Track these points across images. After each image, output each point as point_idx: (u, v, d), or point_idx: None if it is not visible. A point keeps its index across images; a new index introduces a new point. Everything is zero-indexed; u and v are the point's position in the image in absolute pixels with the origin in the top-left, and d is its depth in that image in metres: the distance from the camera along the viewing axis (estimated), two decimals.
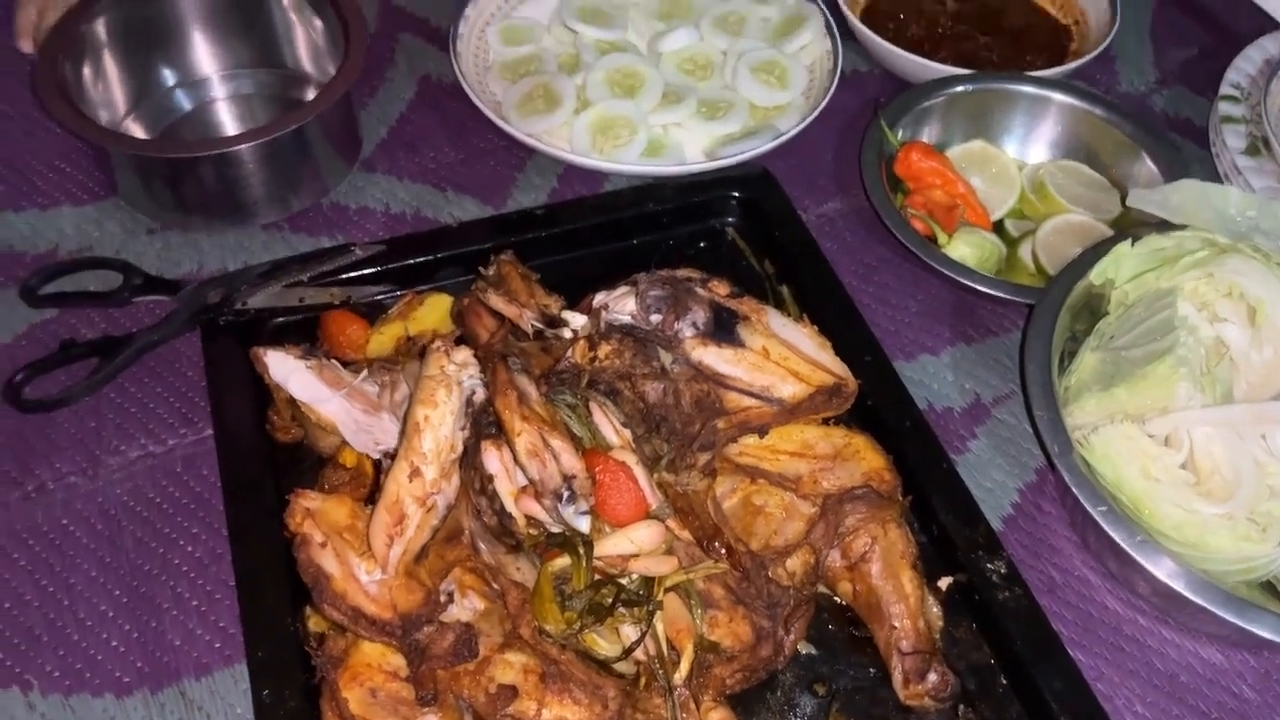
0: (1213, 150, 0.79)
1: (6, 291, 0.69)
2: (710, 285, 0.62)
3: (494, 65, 0.84)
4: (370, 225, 0.75)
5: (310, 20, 0.77)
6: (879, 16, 0.89)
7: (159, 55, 0.79)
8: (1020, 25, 0.88)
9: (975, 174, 0.76)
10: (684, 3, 0.88)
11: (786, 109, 0.81)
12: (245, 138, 0.68)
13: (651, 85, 0.81)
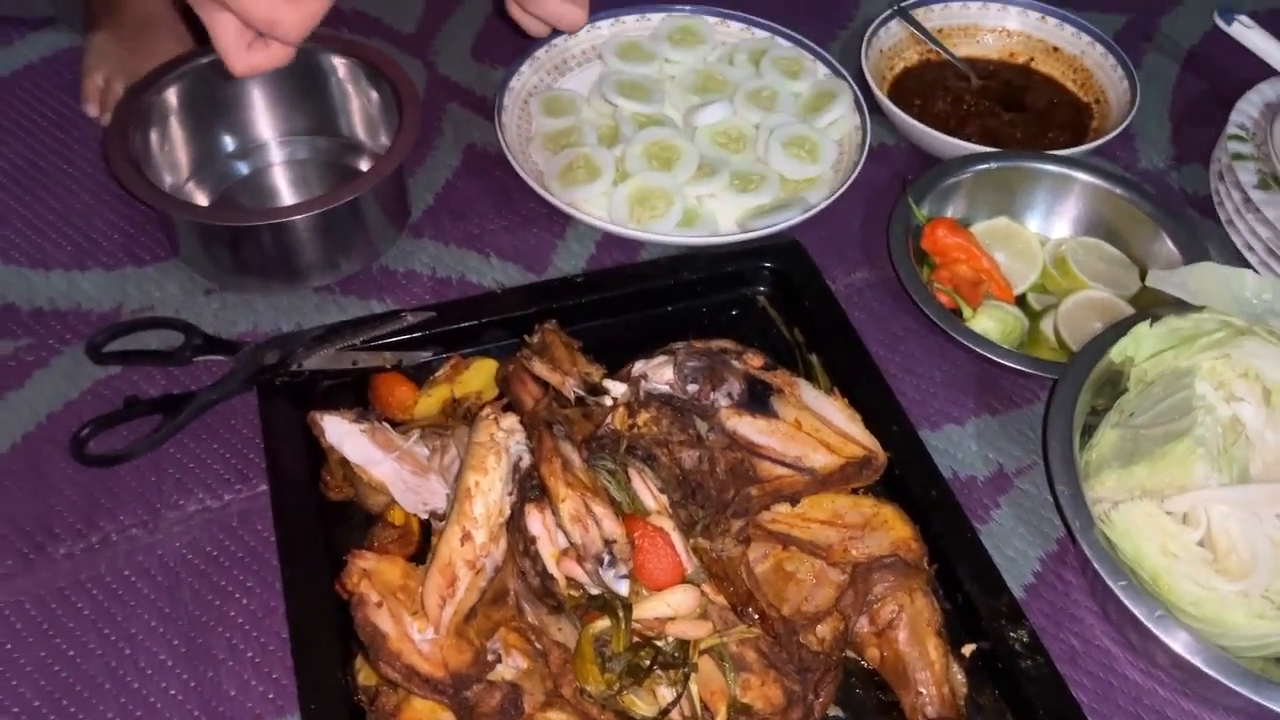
0: (1217, 192, 0.83)
1: (74, 349, 0.73)
2: (745, 357, 0.65)
3: (536, 136, 0.88)
4: (417, 289, 0.79)
5: (366, 91, 0.81)
6: (906, 92, 0.92)
7: (221, 122, 0.83)
8: (1043, 103, 0.92)
9: (999, 249, 0.78)
10: (718, 78, 0.92)
11: (816, 182, 0.85)
12: (303, 208, 0.72)
13: (687, 158, 0.84)
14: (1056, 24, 0.95)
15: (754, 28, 0.96)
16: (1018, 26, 0.96)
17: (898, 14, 0.94)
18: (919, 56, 0.95)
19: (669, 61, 0.94)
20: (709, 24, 0.96)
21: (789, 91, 0.90)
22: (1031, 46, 0.95)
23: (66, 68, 0.92)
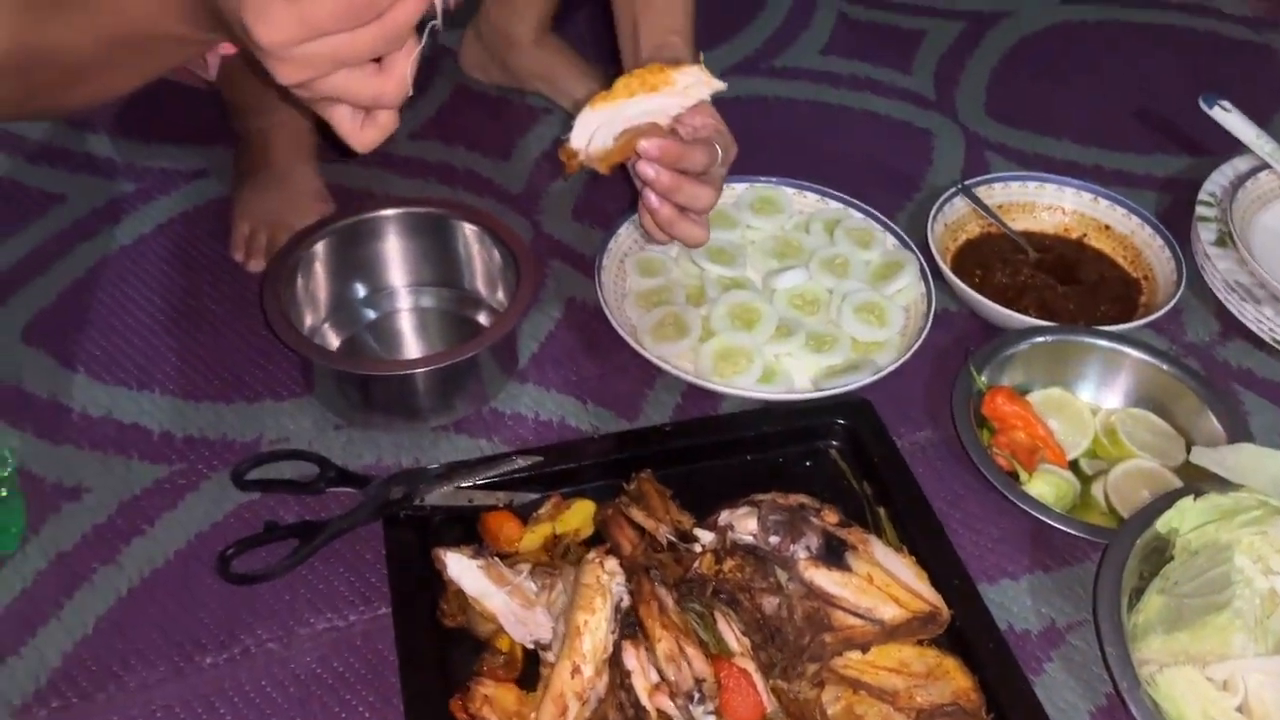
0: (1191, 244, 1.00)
1: (220, 475, 0.82)
2: (823, 514, 0.72)
3: (630, 293, 0.97)
4: (522, 430, 0.88)
5: (490, 251, 0.92)
6: (968, 263, 1.01)
7: (356, 272, 0.94)
8: (1095, 278, 1.00)
9: (1053, 417, 0.85)
10: (795, 244, 1.01)
11: (885, 345, 0.93)
12: (429, 361, 0.82)
13: (767, 320, 0.93)
14: (1108, 205, 1.03)
15: (828, 199, 1.05)
16: (1072, 205, 1.05)
17: (961, 191, 1.03)
18: (980, 229, 1.04)
19: (750, 228, 1.03)
20: (787, 194, 1.06)
21: (860, 260, 0.99)
22: (1085, 224, 1.04)
23: (217, 215, 1.04)
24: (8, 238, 1.01)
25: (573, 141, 0.75)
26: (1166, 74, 1.30)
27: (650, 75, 0.73)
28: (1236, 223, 0.99)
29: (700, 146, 0.77)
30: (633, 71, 0.74)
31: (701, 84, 0.75)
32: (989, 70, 1.30)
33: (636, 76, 0.73)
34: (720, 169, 0.81)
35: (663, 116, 0.76)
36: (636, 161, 0.77)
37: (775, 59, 1.31)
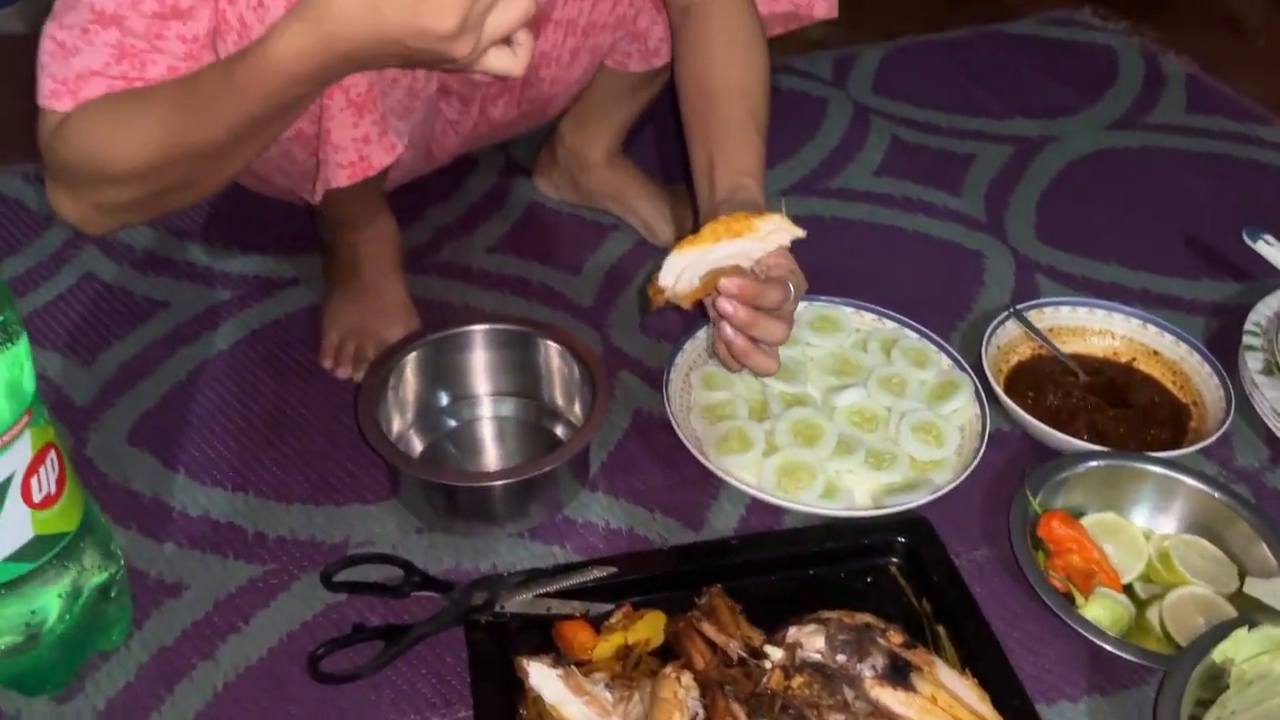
0: (1240, 371, 1.03)
1: (309, 575, 0.87)
2: (888, 634, 0.75)
3: (696, 406, 1.02)
4: (592, 538, 0.92)
5: (570, 366, 0.97)
6: (1021, 385, 1.05)
7: (443, 379, 1.00)
8: (1145, 401, 1.03)
9: (1107, 541, 0.88)
10: (853, 363, 1.06)
11: (942, 464, 0.96)
12: (510, 473, 0.87)
13: (828, 437, 0.97)
14: (1156, 331, 1.07)
15: (885, 319, 1.10)
16: (1121, 330, 1.09)
17: (1013, 315, 1.08)
18: (1032, 352, 1.08)
19: (810, 345, 1.08)
20: (846, 313, 1.11)
21: (916, 379, 1.04)
22: (1134, 348, 1.08)
23: (307, 323, 1.10)
24: (116, 341, 1.08)
25: (661, 280, 0.81)
26: (1210, 200, 1.35)
27: (735, 223, 0.79)
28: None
29: (775, 285, 0.83)
30: (719, 218, 0.80)
31: (782, 231, 0.81)
32: (1038, 194, 1.36)
33: (723, 223, 0.79)
34: (792, 305, 0.86)
35: (745, 260, 0.81)
36: (716, 298, 0.82)
37: (831, 180, 1.37)
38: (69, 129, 0.77)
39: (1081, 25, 1.73)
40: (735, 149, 0.92)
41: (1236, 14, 1.81)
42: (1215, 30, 1.76)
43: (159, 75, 0.77)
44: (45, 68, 0.77)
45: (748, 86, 0.95)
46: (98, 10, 0.75)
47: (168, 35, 0.76)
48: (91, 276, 1.16)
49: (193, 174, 0.79)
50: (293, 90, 0.73)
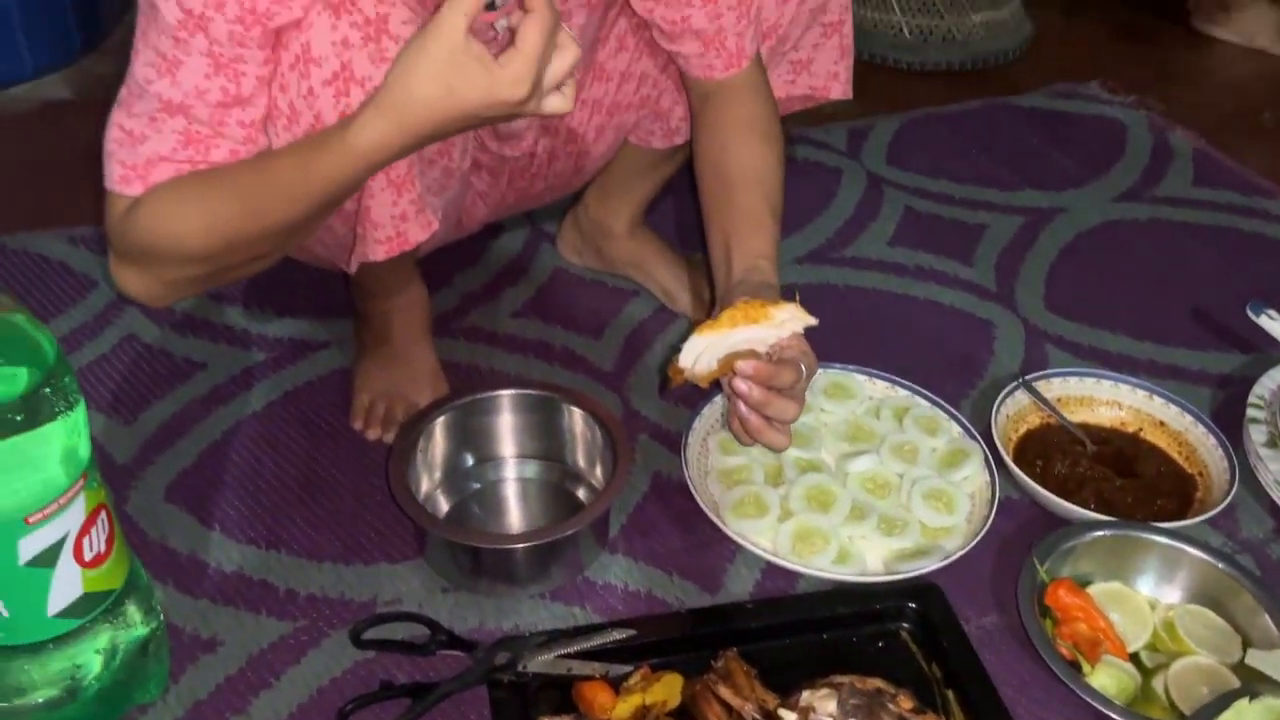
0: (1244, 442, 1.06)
1: (339, 633, 0.90)
2: (898, 699, 0.78)
3: (713, 470, 1.05)
4: (611, 599, 0.95)
5: (592, 430, 1.01)
6: (1029, 453, 1.08)
7: (470, 441, 1.03)
8: (1152, 472, 1.06)
9: (1114, 610, 0.91)
10: (866, 429, 1.09)
11: (952, 531, 0.99)
12: (534, 535, 0.90)
13: (841, 503, 1.00)
14: (1162, 402, 1.10)
15: (898, 386, 1.13)
16: (1128, 401, 1.11)
17: (1022, 385, 1.11)
18: (1041, 420, 1.11)
19: (824, 411, 1.12)
20: (859, 380, 1.14)
21: (928, 447, 1.07)
22: (1140, 419, 1.11)
23: (339, 386, 1.15)
24: (156, 401, 1.12)
25: (681, 362, 0.85)
26: (1217, 273, 1.39)
27: (752, 310, 0.83)
28: None
29: (788, 366, 0.87)
30: (736, 305, 0.85)
31: (796, 320, 0.85)
32: (1047, 264, 1.40)
33: (740, 310, 0.84)
34: (804, 385, 0.89)
35: (760, 344, 0.85)
36: (732, 378, 0.86)
37: (845, 248, 1.42)
38: (141, 212, 0.82)
39: (1090, 99, 1.78)
40: (751, 233, 0.97)
41: (1243, 89, 1.86)
42: (1222, 105, 1.80)
43: (221, 159, 0.82)
44: (113, 154, 0.83)
45: (763, 173, 1.00)
46: (165, 99, 0.80)
47: (229, 121, 0.81)
48: (133, 338, 1.20)
49: (262, 249, 0.85)
50: (369, 172, 0.80)
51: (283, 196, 0.81)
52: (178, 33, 0.79)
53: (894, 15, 1.88)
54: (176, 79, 0.80)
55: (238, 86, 0.81)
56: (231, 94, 0.81)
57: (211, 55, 0.79)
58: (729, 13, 0.98)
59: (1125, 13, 2.13)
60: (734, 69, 1.01)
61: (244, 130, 0.82)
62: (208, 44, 0.79)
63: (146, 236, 0.83)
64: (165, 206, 0.82)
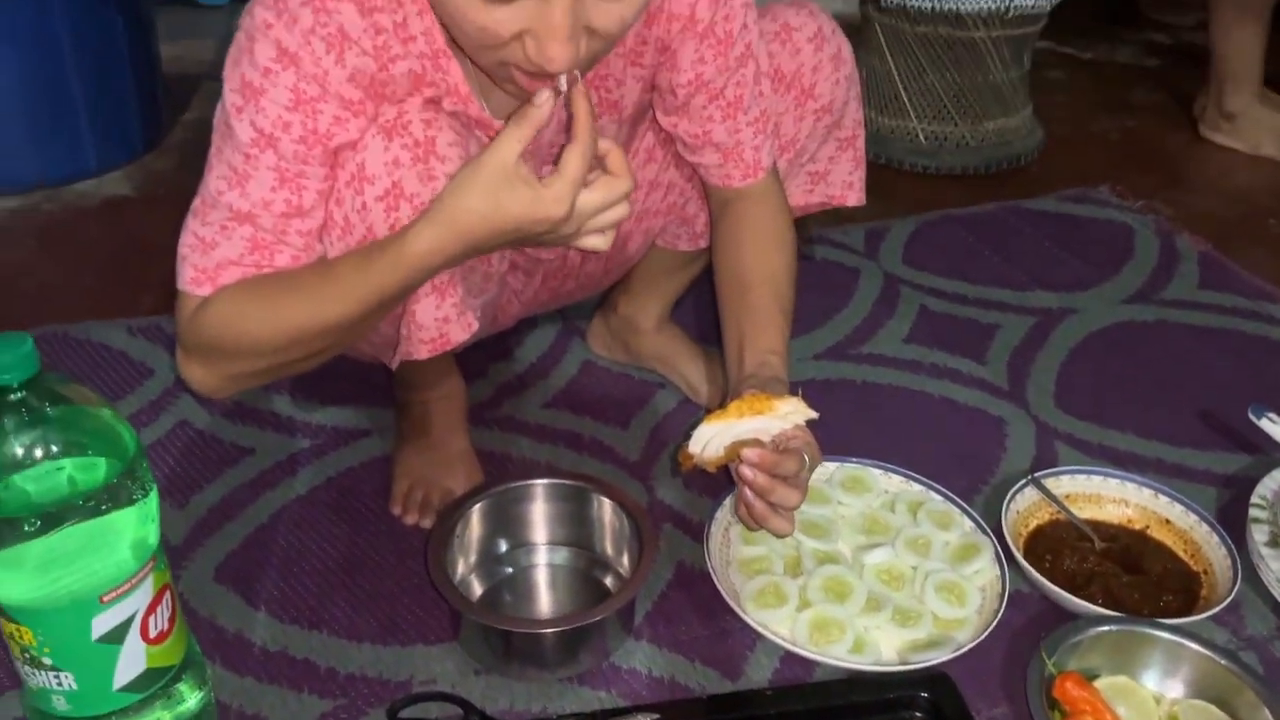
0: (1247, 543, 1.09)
1: (377, 712, 0.94)
2: None
3: (734, 560, 1.10)
4: (635, 684, 0.99)
5: (620, 520, 1.06)
6: (1039, 548, 1.12)
7: (504, 528, 1.09)
8: (1158, 569, 1.09)
9: (1120, 704, 0.94)
10: (882, 523, 1.14)
11: (964, 623, 1.03)
12: (560, 622, 0.95)
13: (857, 594, 1.05)
14: (1168, 501, 1.14)
15: (913, 481, 1.18)
16: (1135, 499, 1.16)
17: (1032, 482, 1.15)
18: (1050, 516, 1.16)
19: (841, 504, 1.16)
20: (875, 475, 1.19)
21: (940, 540, 1.11)
22: (1147, 517, 1.15)
23: (379, 472, 1.21)
24: (207, 485, 1.19)
25: (690, 447, 0.92)
26: (1222, 374, 1.43)
27: (758, 402, 0.90)
28: None
29: (792, 456, 0.93)
30: (744, 397, 0.91)
31: (799, 413, 0.91)
32: (1058, 363, 1.45)
33: (746, 402, 0.90)
34: (807, 474, 0.95)
35: (765, 434, 0.91)
36: (739, 465, 0.92)
37: (862, 345, 1.48)
38: (210, 311, 0.90)
39: (1100, 203, 1.86)
40: (763, 331, 1.04)
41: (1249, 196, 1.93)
42: (1228, 211, 1.87)
43: (284, 263, 0.90)
44: (186, 259, 0.91)
45: (776, 275, 1.08)
46: (235, 210, 0.88)
47: (291, 230, 0.89)
48: (186, 424, 1.27)
49: (319, 346, 0.92)
50: (423, 277, 0.89)
51: (343, 298, 0.88)
52: (249, 150, 0.88)
53: (911, 122, 1.97)
54: (246, 190, 0.89)
55: (299, 198, 0.89)
56: (294, 205, 0.89)
57: (278, 170, 0.88)
58: (746, 128, 1.06)
59: (1134, 121, 2.21)
60: (751, 179, 1.09)
61: (303, 239, 0.90)
62: (275, 160, 0.88)
63: (214, 332, 0.91)
64: (233, 305, 0.90)
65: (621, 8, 0.81)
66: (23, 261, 1.61)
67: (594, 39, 0.82)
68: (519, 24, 0.79)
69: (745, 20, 1.01)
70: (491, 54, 0.83)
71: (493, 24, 0.79)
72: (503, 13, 0.78)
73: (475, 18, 0.79)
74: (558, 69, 0.80)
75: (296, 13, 0.85)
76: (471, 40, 0.83)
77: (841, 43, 1.15)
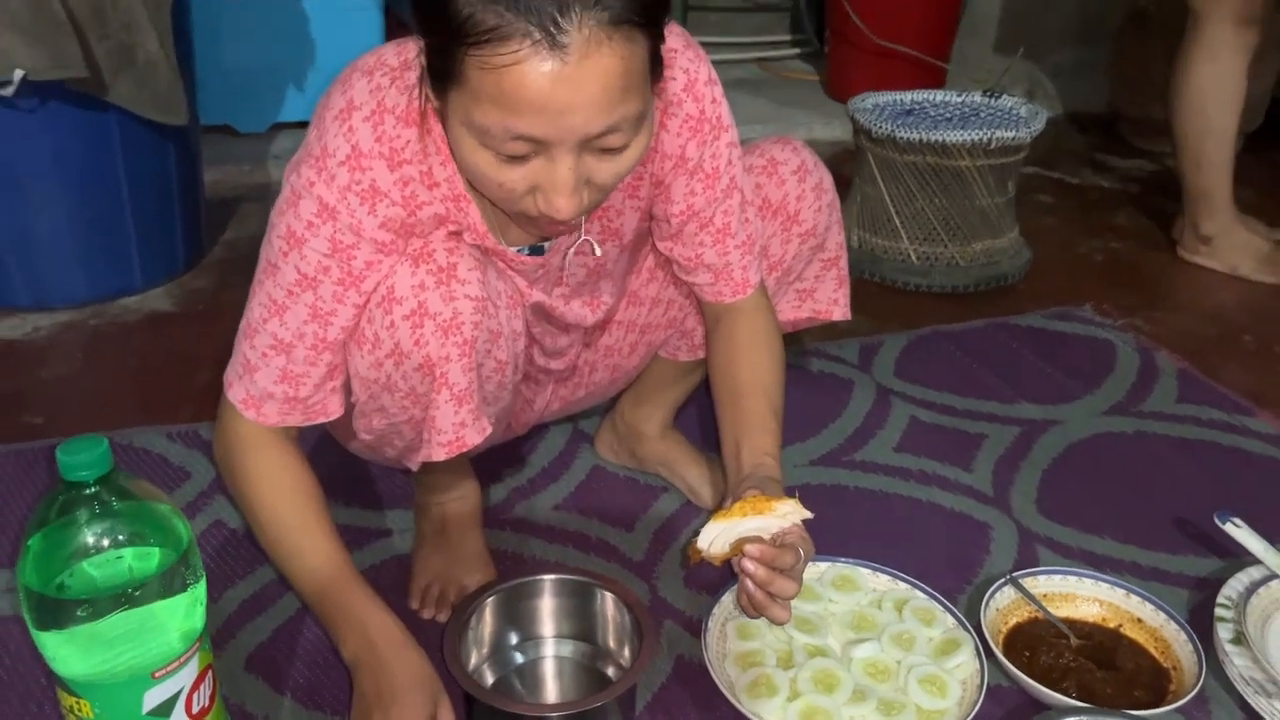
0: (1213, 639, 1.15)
1: None
2: None
3: (730, 654, 1.17)
4: None
5: (623, 615, 1.14)
6: (1018, 644, 1.18)
7: (514, 621, 1.17)
8: (1131, 665, 1.16)
9: None
10: (869, 619, 1.21)
11: (945, 714, 1.09)
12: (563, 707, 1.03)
13: (845, 686, 1.11)
14: (1139, 600, 1.21)
15: (899, 580, 1.26)
16: (1108, 598, 1.23)
17: (1010, 582, 1.23)
18: (1029, 614, 1.23)
19: (832, 601, 1.24)
20: (864, 574, 1.27)
21: (924, 636, 1.18)
22: (1120, 615, 1.22)
23: (399, 569, 1.29)
24: (238, 580, 1.27)
25: (699, 543, 1.01)
26: (1197, 483, 1.51)
27: (759, 503, 0.99)
28: (1251, 624, 1.16)
29: (789, 550, 1.01)
30: (746, 499, 1.01)
31: (796, 513, 1.00)
32: (1041, 472, 1.53)
33: (749, 503, 0.99)
34: (802, 567, 1.04)
35: (765, 532, 1.00)
36: (741, 559, 1.00)
37: (855, 453, 1.57)
38: (240, 447, 1.07)
39: (1083, 321, 1.96)
40: (757, 435, 1.14)
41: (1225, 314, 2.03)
42: (1206, 329, 1.97)
43: (306, 394, 1.06)
44: (242, 378, 1.07)
45: (767, 382, 1.19)
46: (277, 338, 1.03)
47: (319, 363, 1.05)
48: (220, 524, 1.37)
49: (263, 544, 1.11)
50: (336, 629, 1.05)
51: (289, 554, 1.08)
52: (292, 288, 1.02)
53: (903, 243, 2.10)
54: (284, 320, 1.03)
55: (326, 333, 1.02)
56: (321, 338, 1.02)
57: (313, 308, 1.02)
58: (734, 250, 1.19)
59: (1117, 243, 2.34)
60: (740, 295, 1.21)
61: (326, 370, 1.05)
62: (314, 299, 1.01)
63: (236, 471, 1.08)
64: (242, 463, 1.08)
65: (617, 165, 0.93)
66: (71, 372, 1.73)
67: (594, 191, 0.95)
68: (530, 181, 0.92)
69: (730, 157, 1.14)
70: (509, 204, 0.96)
71: (508, 181, 0.92)
72: (516, 172, 0.91)
73: (494, 176, 0.92)
74: (564, 218, 0.92)
75: (335, 171, 0.98)
76: (491, 194, 0.97)
77: (823, 174, 1.28)
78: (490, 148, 0.90)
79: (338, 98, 0.99)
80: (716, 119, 1.12)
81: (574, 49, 0.84)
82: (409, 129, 0.99)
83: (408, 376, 1.04)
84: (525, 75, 0.84)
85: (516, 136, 0.88)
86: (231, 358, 1.06)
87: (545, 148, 0.89)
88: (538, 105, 0.86)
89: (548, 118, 0.86)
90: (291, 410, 1.07)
